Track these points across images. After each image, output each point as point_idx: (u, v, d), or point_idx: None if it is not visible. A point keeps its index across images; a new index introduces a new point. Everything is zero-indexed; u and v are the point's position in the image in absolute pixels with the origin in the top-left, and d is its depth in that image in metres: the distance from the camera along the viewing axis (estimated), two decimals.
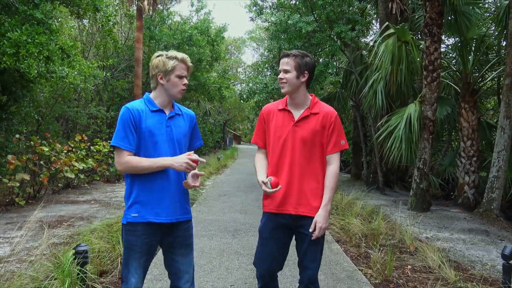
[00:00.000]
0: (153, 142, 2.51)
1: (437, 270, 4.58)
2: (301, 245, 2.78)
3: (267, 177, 2.71)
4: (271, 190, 2.61)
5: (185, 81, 2.60)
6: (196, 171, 2.54)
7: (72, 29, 14.88)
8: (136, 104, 2.56)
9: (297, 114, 2.77)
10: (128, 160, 2.46)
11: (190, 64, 2.62)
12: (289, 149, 2.72)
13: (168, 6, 21.89)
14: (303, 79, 2.74)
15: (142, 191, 2.51)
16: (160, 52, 2.60)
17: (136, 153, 2.51)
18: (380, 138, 9.24)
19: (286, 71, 2.72)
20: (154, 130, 2.51)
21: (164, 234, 2.59)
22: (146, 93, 2.67)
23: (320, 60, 13.40)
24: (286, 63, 2.72)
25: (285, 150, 2.73)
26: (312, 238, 2.65)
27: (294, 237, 2.85)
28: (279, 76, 2.78)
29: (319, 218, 2.65)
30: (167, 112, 2.61)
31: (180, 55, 2.58)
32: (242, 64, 44.86)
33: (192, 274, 2.68)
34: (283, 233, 2.79)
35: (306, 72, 2.73)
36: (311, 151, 2.72)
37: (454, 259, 5.17)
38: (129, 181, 2.56)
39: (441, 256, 4.82)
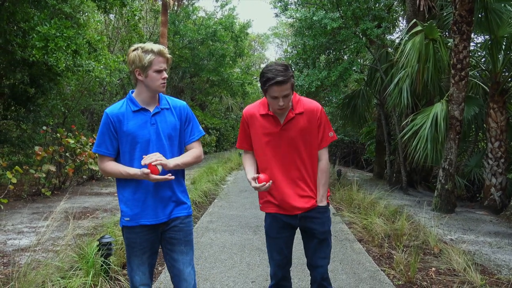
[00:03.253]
0: (137, 143, 2.44)
1: (462, 273, 4.48)
2: (309, 244, 2.77)
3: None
4: (258, 185, 2.57)
5: (165, 74, 2.47)
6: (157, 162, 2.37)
7: (98, 24, 15.06)
8: (116, 108, 2.48)
9: (282, 118, 2.68)
10: (106, 165, 2.48)
11: (169, 56, 2.49)
12: (279, 153, 2.68)
13: (193, 1, 21.97)
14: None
15: (129, 194, 2.48)
16: (136, 45, 2.46)
17: (122, 157, 2.48)
18: (405, 138, 9.09)
19: (287, 95, 2.55)
20: (136, 131, 2.44)
21: (163, 231, 2.55)
22: (130, 90, 2.58)
23: (345, 57, 13.25)
24: (287, 89, 2.52)
25: (276, 155, 2.69)
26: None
27: (302, 238, 2.86)
28: (279, 104, 2.56)
29: None
30: (151, 108, 2.51)
31: (156, 47, 2.43)
32: (265, 60, 44.72)
33: (193, 278, 2.58)
34: (288, 231, 2.81)
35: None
36: (302, 151, 2.68)
37: (480, 263, 5.06)
38: (117, 184, 2.56)
39: (466, 259, 4.72)
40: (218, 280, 4.21)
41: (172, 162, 2.45)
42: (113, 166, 2.47)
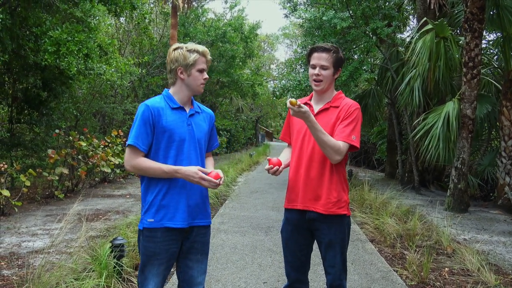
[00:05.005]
0: (173, 141, 2.39)
1: (476, 274, 4.43)
2: (319, 249, 2.71)
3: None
4: (267, 167, 2.55)
5: (206, 75, 2.46)
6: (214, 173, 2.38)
7: (109, 27, 15.20)
8: (156, 101, 2.42)
9: (317, 108, 2.67)
10: (139, 161, 2.35)
11: (210, 57, 2.50)
12: (307, 142, 2.62)
13: (202, 3, 22.07)
14: (336, 76, 2.65)
15: (158, 194, 2.38)
16: (178, 45, 2.44)
17: (155, 154, 2.39)
18: (417, 137, 9.03)
19: (324, 67, 2.56)
20: (175, 128, 2.38)
21: (183, 239, 2.47)
22: (165, 89, 2.53)
23: (355, 57, 13.19)
24: (326, 59, 2.55)
25: (304, 144, 2.63)
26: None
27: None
28: (314, 72, 2.57)
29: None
30: (187, 109, 2.48)
31: (201, 48, 2.43)
32: (275, 61, 44.75)
33: (203, 285, 2.53)
34: (302, 235, 2.71)
35: (340, 68, 2.64)
36: None
37: (494, 263, 5.00)
38: (144, 182, 2.44)
39: (480, 259, 4.67)
40: (230, 281, 4.21)
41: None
42: (150, 162, 2.35)
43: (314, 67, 2.59)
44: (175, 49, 2.43)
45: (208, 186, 2.34)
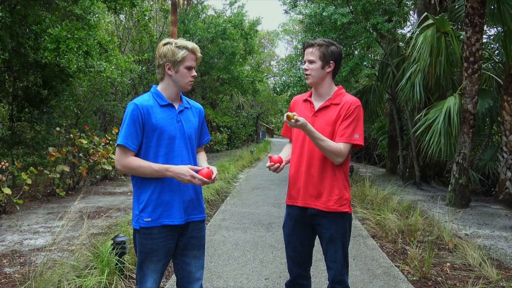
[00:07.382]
0: (163, 139, 2.37)
1: (478, 268, 4.43)
2: (321, 244, 2.72)
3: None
4: (268, 164, 2.57)
5: (194, 72, 2.44)
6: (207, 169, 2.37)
7: (109, 24, 15.17)
8: (145, 99, 2.40)
9: (317, 105, 2.68)
10: (130, 160, 2.33)
11: (199, 55, 2.47)
12: (308, 140, 2.60)
13: (202, 0, 22.00)
14: (329, 70, 2.64)
15: (152, 192, 2.37)
16: (168, 40, 2.42)
17: (145, 152, 2.38)
18: (418, 132, 9.01)
19: (311, 62, 2.62)
20: (164, 126, 2.37)
21: (179, 235, 2.46)
22: (153, 86, 2.51)
23: (356, 53, 13.15)
24: (311, 53, 2.61)
25: (306, 142, 2.64)
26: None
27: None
28: (303, 67, 2.69)
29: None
30: (176, 106, 2.47)
31: (191, 44, 2.41)
32: (276, 57, 44.67)
33: (201, 280, 2.53)
34: (304, 230, 2.72)
35: (331, 62, 2.63)
36: None
37: (496, 257, 5.00)
38: (135, 181, 2.42)
39: (481, 254, 4.67)
40: (232, 278, 4.22)
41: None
42: (140, 161, 2.33)
43: (304, 62, 2.69)
44: (164, 44, 2.41)
45: (200, 184, 2.34)
